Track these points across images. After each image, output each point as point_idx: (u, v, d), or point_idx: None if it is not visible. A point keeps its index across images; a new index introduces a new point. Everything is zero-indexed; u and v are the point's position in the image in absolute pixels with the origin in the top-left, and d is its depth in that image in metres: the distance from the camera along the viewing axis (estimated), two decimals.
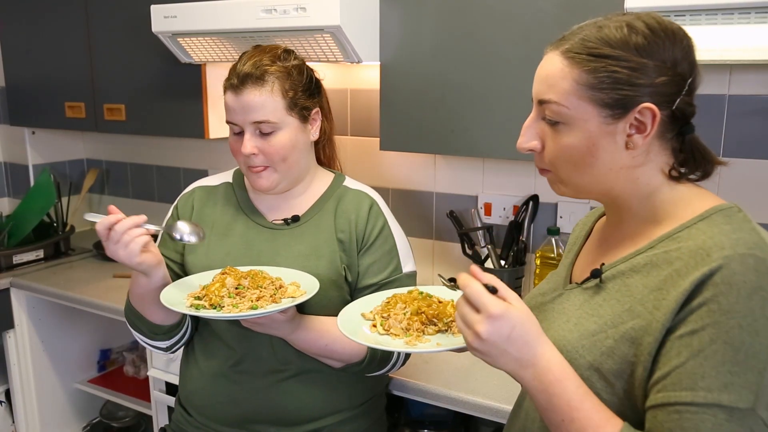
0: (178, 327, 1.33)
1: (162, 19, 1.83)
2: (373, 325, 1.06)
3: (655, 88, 0.80)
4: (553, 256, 1.76)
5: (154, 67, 2.13)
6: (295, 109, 1.29)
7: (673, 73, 0.80)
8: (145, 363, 2.40)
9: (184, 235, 1.24)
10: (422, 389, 1.51)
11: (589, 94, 0.81)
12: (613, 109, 0.81)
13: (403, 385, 1.53)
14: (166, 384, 1.95)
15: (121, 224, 1.14)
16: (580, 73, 0.81)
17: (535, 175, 1.88)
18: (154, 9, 1.84)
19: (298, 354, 1.29)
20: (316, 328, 1.25)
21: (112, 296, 2.08)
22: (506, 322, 0.79)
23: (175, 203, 1.44)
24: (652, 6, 1.23)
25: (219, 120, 2.10)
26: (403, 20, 1.65)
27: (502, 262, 1.84)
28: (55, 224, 2.57)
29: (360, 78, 2.07)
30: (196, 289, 1.21)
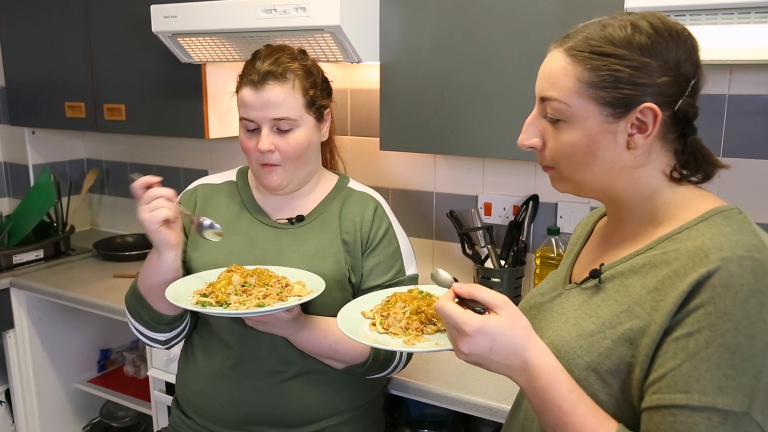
0: (180, 319, 1.33)
1: (162, 19, 1.83)
2: (373, 324, 1.06)
3: (657, 89, 0.79)
4: (553, 256, 1.76)
5: (154, 67, 2.13)
6: (313, 107, 1.29)
7: (675, 74, 0.80)
8: (145, 363, 2.40)
9: (215, 223, 1.25)
10: (422, 389, 1.51)
11: (591, 92, 0.81)
12: (615, 108, 0.80)
13: (403, 385, 1.53)
14: (166, 384, 1.95)
15: (155, 190, 1.21)
16: (583, 71, 0.81)
17: (535, 175, 1.88)
18: (154, 9, 1.84)
19: (301, 354, 1.29)
20: (320, 328, 1.25)
21: (112, 296, 2.08)
22: (484, 337, 0.80)
23: (177, 200, 1.43)
24: (652, 6, 1.23)
25: (219, 120, 2.10)
26: (403, 20, 1.65)
27: (502, 262, 1.84)
28: (55, 224, 2.57)
29: (360, 78, 2.07)
30: (202, 286, 1.20)
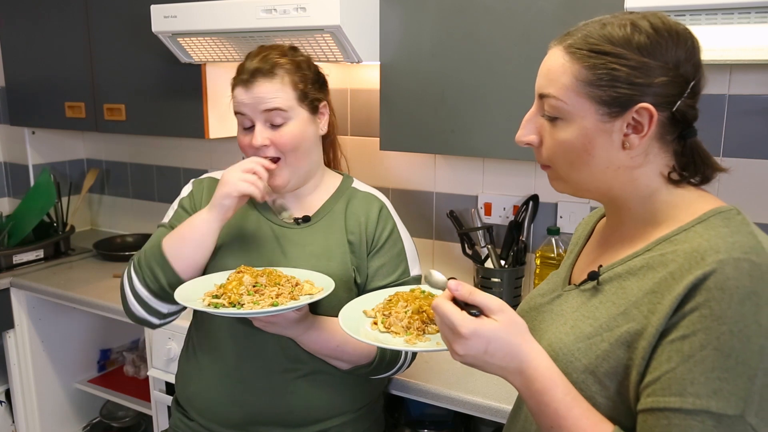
0: None
1: (162, 19, 1.83)
2: (374, 323, 1.06)
3: (654, 89, 0.79)
4: (553, 256, 1.76)
5: (154, 67, 2.13)
6: (306, 100, 1.30)
7: (674, 75, 0.79)
8: (145, 363, 2.40)
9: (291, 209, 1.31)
10: (422, 389, 1.51)
11: (588, 90, 0.80)
12: (611, 107, 0.80)
13: (403, 385, 1.53)
14: (166, 384, 1.95)
15: (256, 159, 1.24)
16: (580, 69, 0.81)
17: (535, 175, 1.88)
18: (154, 9, 1.84)
19: (309, 354, 1.29)
20: (327, 328, 1.25)
21: (112, 296, 2.08)
22: (478, 339, 0.79)
23: (190, 187, 1.42)
24: (652, 6, 1.23)
25: (219, 120, 2.10)
26: (403, 20, 1.65)
27: (502, 262, 1.84)
28: (55, 224, 2.57)
29: (360, 78, 2.07)
30: (210, 287, 1.21)
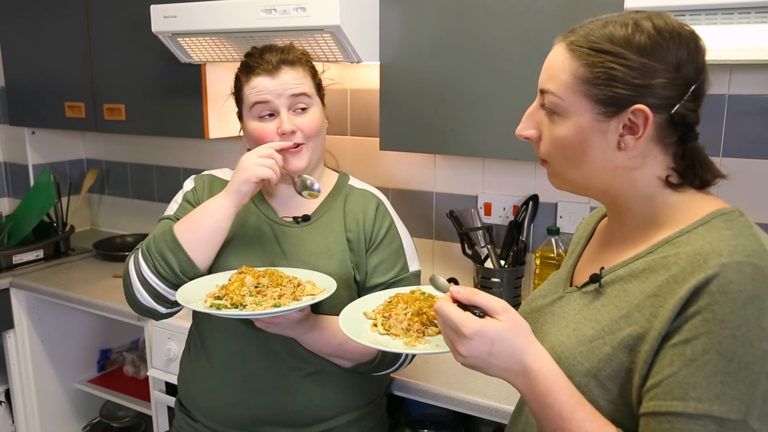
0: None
1: (162, 19, 1.83)
2: (374, 325, 1.06)
3: (653, 90, 0.78)
4: (552, 256, 1.76)
5: (154, 67, 2.13)
6: (320, 91, 1.36)
7: (673, 77, 0.78)
8: (144, 363, 2.40)
9: (315, 183, 1.29)
10: (422, 389, 1.51)
11: (585, 88, 0.80)
12: (606, 106, 0.80)
13: (404, 385, 1.53)
14: (166, 384, 1.95)
15: (271, 144, 1.25)
16: (579, 66, 0.80)
17: (535, 175, 1.88)
18: (154, 9, 1.84)
19: (312, 353, 1.29)
20: (329, 327, 1.25)
21: (111, 296, 2.08)
22: (482, 340, 0.79)
23: (192, 183, 1.42)
24: (652, 6, 1.23)
25: (219, 120, 2.09)
26: (403, 20, 1.65)
27: (502, 262, 1.84)
28: (55, 224, 2.57)
29: (360, 78, 2.07)
30: (212, 288, 1.20)
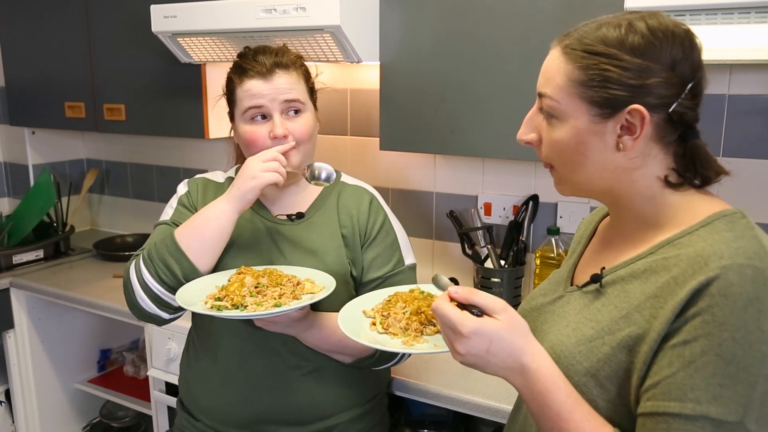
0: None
1: (162, 19, 1.83)
2: (373, 323, 1.06)
3: (648, 90, 0.78)
4: (553, 255, 1.76)
5: (154, 67, 2.13)
6: (313, 95, 1.35)
7: (669, 76, 0.78)
8: (144, 363, 2.40)
9: (332, 176, 1.28)
10: (422, 389, 1.51)
11: (580, 90, 0.80)
12: (602, 108, 0.80)
13: (404, 385, 1.53)
14: (166, 384, 1.95)
15: (274, 148, 1.24)
16: (573, 69, 0.81)
17: (535, 175, 1.88)
18: (154, 9, 1.84)
19: (313, 351, 1.29)
20: (328, 325, 1.26)
21: (111, 296, 2.08)
22: (480, 339, 0.79)
23: (185, 187, 1.42)
24: (652, 6, 1.23)
25: (219, 120, 2.09)
26: (403, 20, 1.65)
27: (502, 262, 1.84)
28: (55, 224, 2.57)
29: (360, 78, 2.07)
30: (212, 289, 1.20)
